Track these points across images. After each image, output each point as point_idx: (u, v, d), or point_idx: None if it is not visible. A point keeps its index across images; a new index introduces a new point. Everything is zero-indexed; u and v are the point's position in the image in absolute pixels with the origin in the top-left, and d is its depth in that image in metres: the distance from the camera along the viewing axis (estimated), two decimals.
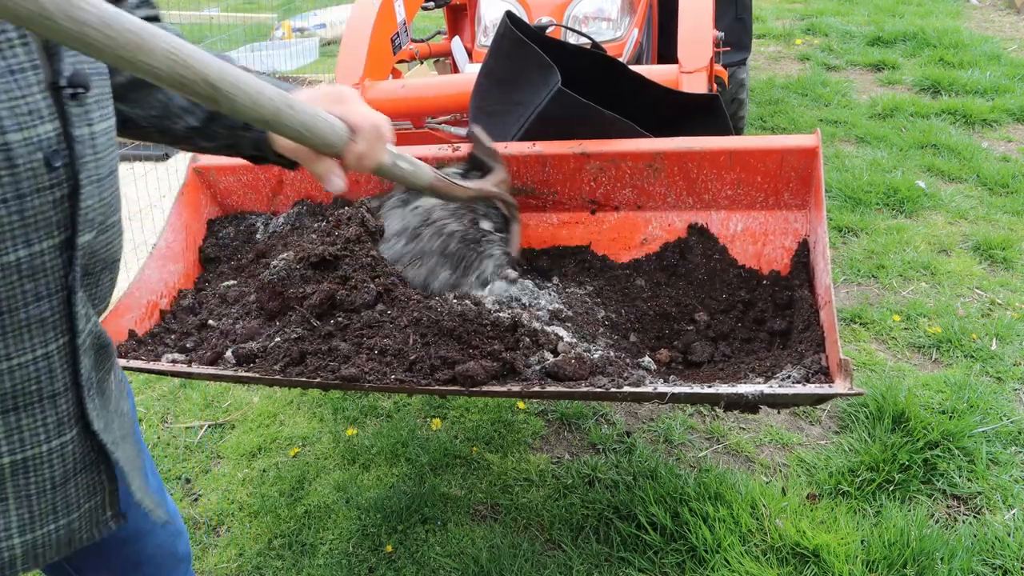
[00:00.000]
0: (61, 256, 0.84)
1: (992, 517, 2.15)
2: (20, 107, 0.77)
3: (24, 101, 0.77)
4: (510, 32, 2.07)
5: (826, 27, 6.73)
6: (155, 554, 1.22)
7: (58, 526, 0.92)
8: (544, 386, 1.42)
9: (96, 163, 0.86)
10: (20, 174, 0.77)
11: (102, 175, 0.88)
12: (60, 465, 0.90)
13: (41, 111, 0.79)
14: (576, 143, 1.90)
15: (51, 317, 0.84)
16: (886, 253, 3.44)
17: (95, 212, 0.87)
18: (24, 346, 0.83)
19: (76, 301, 0.86)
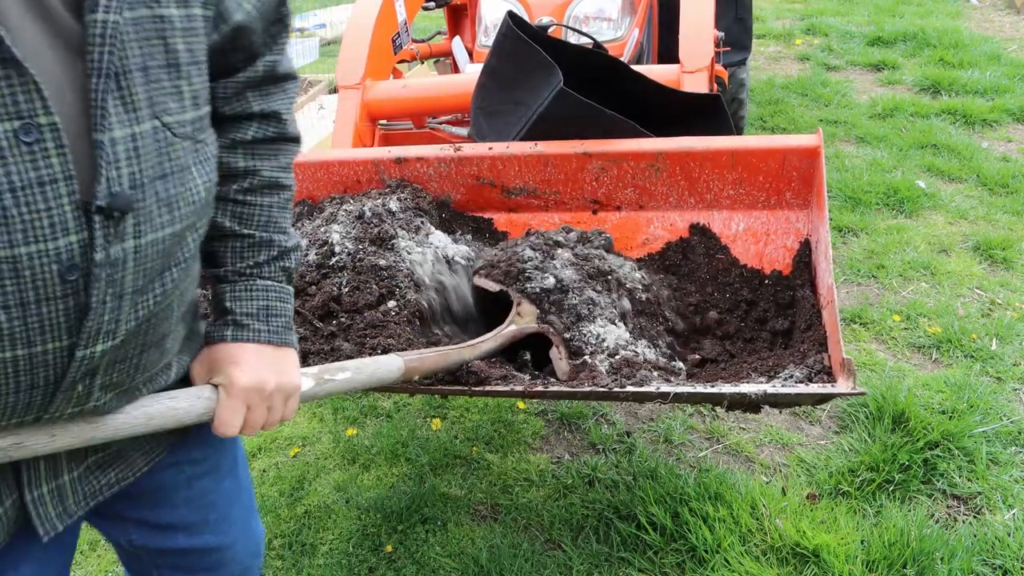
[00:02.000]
0: (66, 356, 0.81)
1: (992, 517, 2.15)
2: (40, 220, 0.73)
3: (47, 214, 0.73)
4: (512, 32, 2.07)
5: (826, 27, 6.73)
6: (233, 565, 1.25)
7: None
8: (545, 386, 1.42)
9: (135, 275, 0.82)
10: (26, 284, 0.74)
11: (142, 284, 0.84)
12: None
13: (67, 224, 0.75)
14: (578, 143, 1.90)
15: (37, 401, 0.83)
16: (886, 253, 3.44)
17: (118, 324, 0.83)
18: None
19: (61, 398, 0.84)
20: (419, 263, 1.69)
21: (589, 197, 1.96)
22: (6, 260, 0.72)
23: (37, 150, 0.72)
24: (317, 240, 1.70)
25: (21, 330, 0.76)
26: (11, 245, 0.72)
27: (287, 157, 1.09)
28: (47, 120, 0.72)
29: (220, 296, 1.06)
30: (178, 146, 0.84)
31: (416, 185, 2.00)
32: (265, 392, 1.01)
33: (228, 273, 1.05)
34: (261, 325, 1.04)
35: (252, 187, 1.04)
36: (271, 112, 1.04)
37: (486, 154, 1.95)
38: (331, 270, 1.63)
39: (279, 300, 1.07)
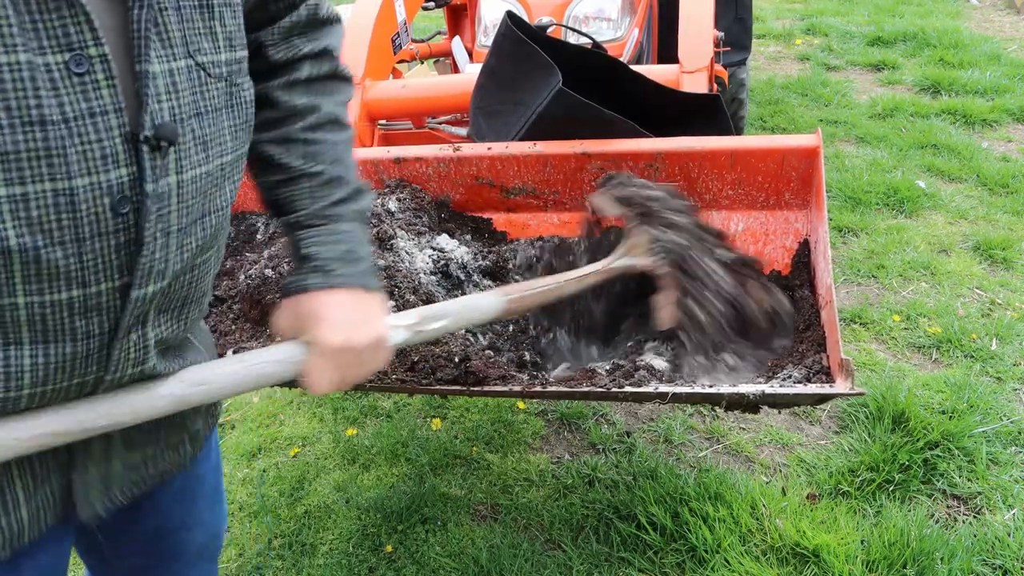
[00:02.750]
0: (119, 298, 0.82)
1: (992, 517, 2.15)
2: (93, 151, 0.74)
3: (99, 145, 0.74)
4: (511, 32, 2.07)
5: (826, 27, 6.73)
6: (190, 547, 1.24)
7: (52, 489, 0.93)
8: (545, 386, 1.42)
9: (179, 211, 0.83)
10: (81, 219, 0.75)
11: (187, 222, 0.85)
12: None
13: (117, 156, 0.76)
14: (577, 143, 1.90)
15: (95, 353, 0.83)
16: (886, 253, 3.44)
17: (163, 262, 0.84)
18: (61, 376, 0.82)
19: (117, 345, 0.84)
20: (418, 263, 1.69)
21: (588, 197, 1.96)
22: (63, 192, 0.73)
23: (88, 81, 0.72)
24: None
25: (77, 268, 0.76)
26: (68, 176, 0.72)
27: (343, 95, 1.09)
28: (97, 52, 0.73)
29: (299, 243, 1.02)
30: (212, 87, 0.85)
31: (415, 185, 2.00)
32: (356, 350, 0.98)
33: (305, 217, 1.02)
34: (346, 269, 1.00)
35: (316, 124, 1.04)
36: (321, 50, 1.05)
37: (485, 154, 1.95)
38: None
39: (360, 244, 1.04)
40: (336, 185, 1.04)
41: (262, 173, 1.05)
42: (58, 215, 0.73)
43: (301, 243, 1.02)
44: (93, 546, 1.19)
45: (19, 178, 0.70)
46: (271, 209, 1.07)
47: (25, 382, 0.80)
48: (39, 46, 0.69)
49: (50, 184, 0.72)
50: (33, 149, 0.70)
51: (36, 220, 0.72)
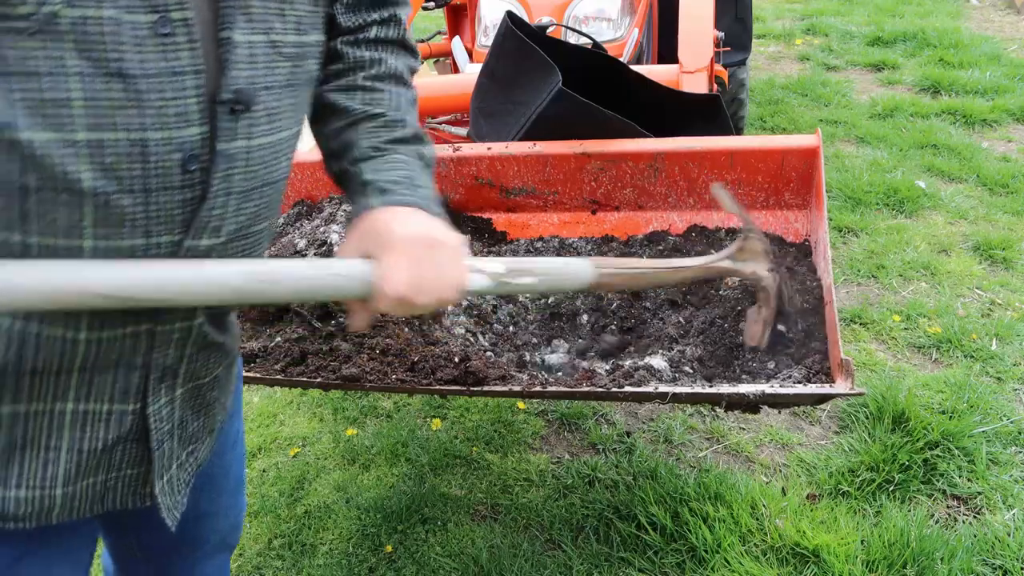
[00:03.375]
0: (176, 253, 0.85)
1: (992, 517, 2.15)
2: (168, 108, 0.78)
3: (175, 103, 0.78)
4: (511, 32, 2.07)
5: (826, 27, 6.73)
6: (212, 536, 1.26)
7: (97, 481, 0.95)
8: (545, 386, 1.42)
9: (244, 175, 0.87)
10: (151, 170, 0.78)
11: (249, 187, 0.88)
12: (115, 428, 0.92)
13: (190, 115, 0.79)
14: (577, 143, 1.90)
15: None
16: (886, 253, 3.44)
17: (221, 221, 0.86)
18: (115, 321, 0.85)
19: None
20: None
21: (588, 197, 1.96)
22: (137, 143, 0.77)
23: (170, 43, 0.77)
24: (316, 240, 1.70)
25: (142, 218, 0.80)
26: (142, 128, 0.77)
27: (408, 60, 1.11)
28: (180, 15, 0.77)
29: (357, 174, 1.01)
30: (280, 65, 0.89)
31: None
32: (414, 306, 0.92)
33: (362, 152, 1.02)
34: (406, 191, 0.98)
35: (379, 75, 1.06)
36: (389, 15, 1.08)
37: (485, 154, 1.95)
38: None
39: (420, 176, 1.02)
40: (396, 125, 1.05)
41: (324, 121, 1.06)
42: (130, 164, 0.77)
43: (359, 175, 1.00)
44: (118, 526, 1.21)
45: (97, 125, 0.74)
46: (331, 160, 1.07)
47: (83, 325, 0.83)
48: (128, 5, 0.74)
49: (124, 134, 0.76)
50: (112, 99, 0.74)
51: (109, 167, 0.76)
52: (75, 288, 0.77)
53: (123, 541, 1.25)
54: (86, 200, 0.76)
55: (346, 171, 1.03)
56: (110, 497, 0.97)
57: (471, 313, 1.72)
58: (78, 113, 0.73)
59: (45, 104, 0.72)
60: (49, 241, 0.77)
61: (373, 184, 0.99)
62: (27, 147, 0.72)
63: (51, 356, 0.84)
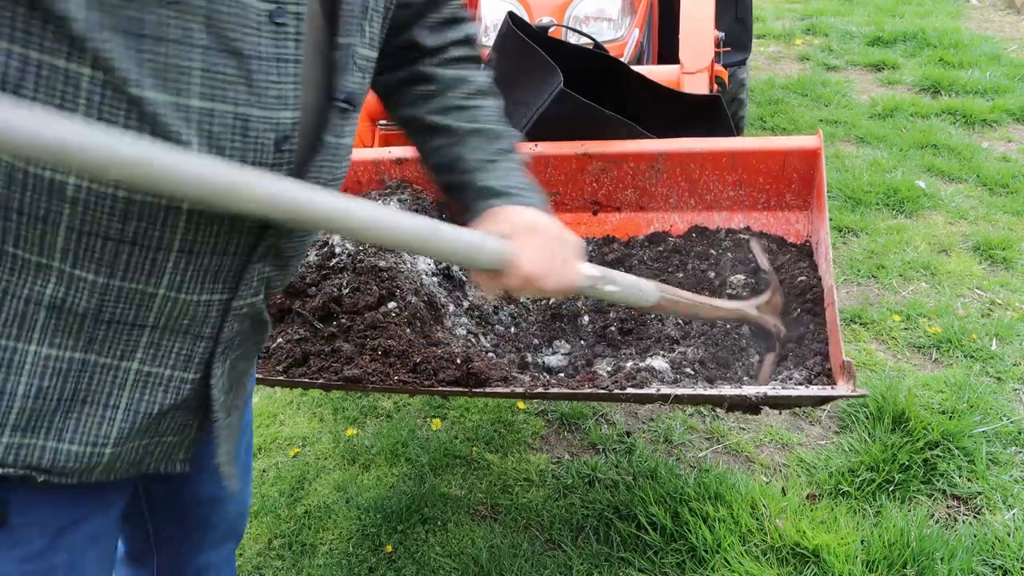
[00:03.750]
0: (259, 227, 0.91)
1: (992, 517, 2.15)
2: (271, 91, 0.84)
3: (278, 87, 0.84)
4: (512, 33, 2.07)
5: (826, 27, 6.73)
6: (221, 523, 1.30)
7: (140, 444, 0.98)
8: (546, 387, 1.42)
9: (330, 167, 0.95)
10: (248, 144, 0.84)
11: (326, 180, 0.95)
12: (172, 395, 0.96)
13: (288, 100, 0.86)
14: (578, 144, 1.90)
15: (225, 273, 0.92)
16: (886, 253, 3.44)
17: None
18: (195, 287, 0.90)
19: (251, 270, 0.93)
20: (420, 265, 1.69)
21: (589, 198, 1.96)
22: (240, 117, 0.83)
23: (281, 31, 0.83)
24: (317, 241, 1.70)
25: None
26: (248, 104, 0.83)
27: (487, 74, 1.19)
28: (295, 9, 0.84)
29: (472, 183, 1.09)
30: (357, 75, 0.96)
31: (416, 186, 2.00)
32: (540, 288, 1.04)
33: (473, 164, 1.10)
34: (529, 195, 1.08)
35: (471, 93, 1.15)
36: (465, 36, 1.17)
37: None
38: (331, 271, 1.63)
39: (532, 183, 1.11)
40: (501, 137, 1.14)
41: (427, 139, 1.14)
42: (232, 136, 0.83)
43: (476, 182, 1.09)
44: (133, 510, 1.23)
45: (210, 95, 0.80)
46: (436, 172, 1.15)
47: (163, 282, 0.88)
48: None
49: (232, 107, 0.82)
50: (226, 74, 0.81)
51: (215, 135, 0.82)
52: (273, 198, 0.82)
53: (140, 529, 1.27)
54: None
55: (459, 181, 1.12)
56: (147, 461, 1.01)
57: (472, 314, 1.72)
58: (195, 81, 0.79)
59: (169, 68, 0.78)
60: (152, 200, 0.82)
61: (494, 188, 1.08)
62: (148, 105, 0.77)
63: (128, 308, 0.88)
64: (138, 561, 1.32)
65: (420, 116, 1.13)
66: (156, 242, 0.85)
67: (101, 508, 1.02)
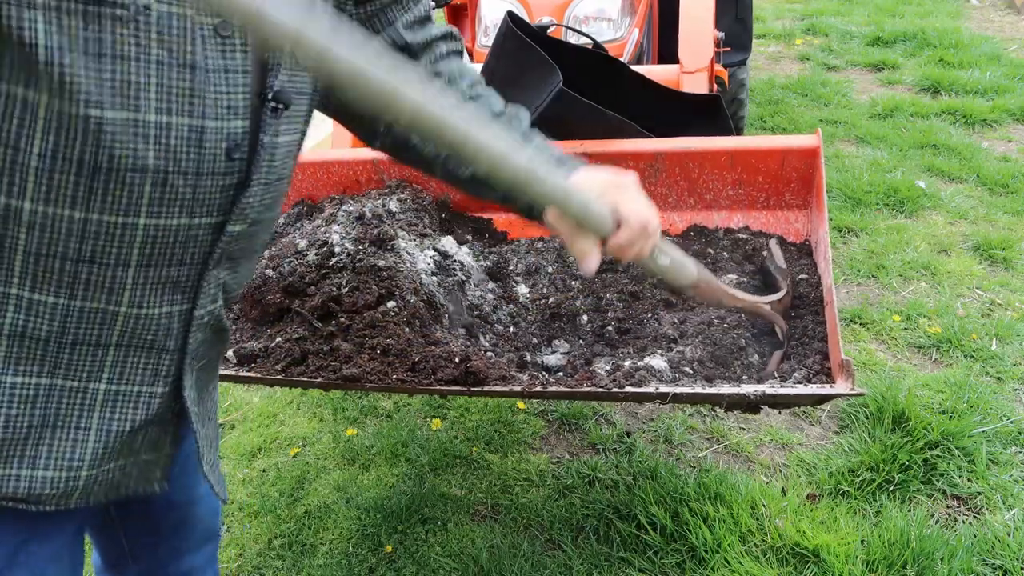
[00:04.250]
0: (212, 235, 0.92)
1: (992, 517, 2.15)
2: (223, 101, 0.86)
3: (228, 97, 0.86)
4: (512, 32, 2.07)
5: (826, 27, 6.73)
6: (195, 524, 1.30)
7: (117, 466, 0.98)
8: (545, 386, 1.42)
9: (269, 168, 0.95)
10: (204, 156, 0.86)
11: (270, 179, 0.96)
12: (143, 411, 0.96)
13: (238, 109, 0.88)
14: (577, 143, 1.90)
15: (184, 283, 0.93)
16: (886, 253, 3.44)
17: (252, 208, 0.95)
18: (156, 300, 0.91)
19: (208, 277, 0.94)
20: (420, 264, 1.69)
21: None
22: (195, 129, 0.85)
23: (228, 43, 0.85)
24: (317, 241, 1.70)
25: (190, 199, 0.87)
26: (203, 117, 0.85)
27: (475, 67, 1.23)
28: None
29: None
30: (300, 74, 0.98)
31: (416, 185, 2.00)
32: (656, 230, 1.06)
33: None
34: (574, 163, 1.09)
35: (473, 83, 1.18)
36: (447, 31, 1.20)
37: None
38: (331, 271, 1.63)
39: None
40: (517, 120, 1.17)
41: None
42: (187, 148, 0.85)
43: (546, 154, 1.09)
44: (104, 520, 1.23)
45: (167, 108, 0.82)
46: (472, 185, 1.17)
47: (124, 299, 0.89)
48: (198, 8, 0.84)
49: (188, 120, 0.84)
50: (182, 87, 0.83)
51: (172, 148, 0.84)
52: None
53: (113, 540, 1.26)
54: (147, 179, 0.83)
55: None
56: (125, 484, 1.01)
57: (472, 314, 1.72)
58: (152, 96, 0.81)
59: (128, 86, 0.79)
60: (108, 218, 0.83)
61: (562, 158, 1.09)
62: (108, 125, 0.79)
63: (91, 328, 0.88)
64: (115, 568, 1.31)
65: None
66: (115, 258, 0.86)
67: (62, 525, 1.01)
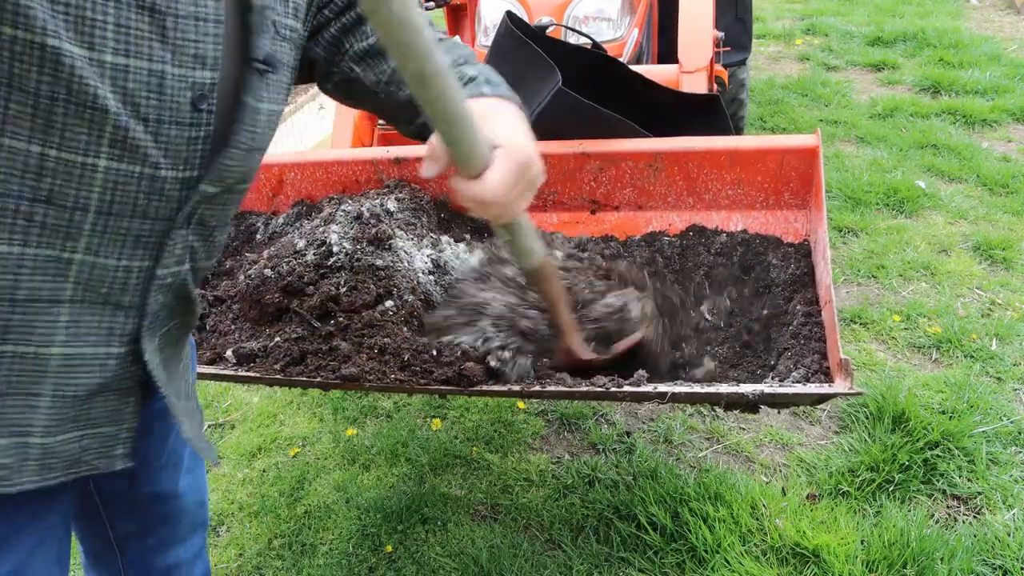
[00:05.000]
0: (180, 191, 0.90)
1: (992, 517, 2.15)
2: (188, 48, 0.84)
3: (194, 45, 0.84)
4: (511, 32, 2.07)
5: (826, 27, 6.73)
6: (182, 516, 1.30)
7: (72, 437, 0.95)
8: (544, 386, 1.42)
9: (250, 134, 0.94)
10: (165, 103, 0.84)
11: (250, 147, 0.95)
12: (98, 374, 0.93)
13: (206, 59, 0.85)
14: (576, 143, 1.90)
15: (147, 238, 0.90)
16: (886, 253, 3.44)
17: (229, 172, 0.93)
18: (112, 250, 0.88)
19: (174, 236, 0.92)
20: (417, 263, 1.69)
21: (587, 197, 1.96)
22: (155, 74, 0.83)
23: None
24: (315, 240, 1.70)
25: (152, 147, 0.85)
26: (163, 61, 0.83)
27: None
28: None
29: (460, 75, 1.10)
30: (280, 44, 0.97)
31: (415, 185, 2.00)
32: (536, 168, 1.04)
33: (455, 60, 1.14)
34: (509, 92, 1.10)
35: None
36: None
37: None
38: (329, 270, 1.63)
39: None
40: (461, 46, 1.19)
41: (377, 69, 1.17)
42: (147, 93, 0.83)
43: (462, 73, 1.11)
44: (89, 509, 1.23)
45: (125, 50, 0.80)
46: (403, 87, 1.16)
47: (79, 247, 0.86)
48: None
49: (147, 63, 0.82)
50: (141, 29, 0.80)
51: (130, 91, 0.81)
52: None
53: (98, 532, 1.26)
54: (107, 120, 0.81)
55: None
56: (85, 459, 0.98)
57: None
58: (110, 36, 0.79)
59: (83, 21, 0.77)
60: (66, 155, 0.81)
61: (479, 78, 1.11)
62: (65, 56, 0.77)
63: (44, 280, 0.85)
64: (99, 561, 1.31)
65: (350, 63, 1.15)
66: (72, 200, 0.83)
67: (38, 516, 1.00)
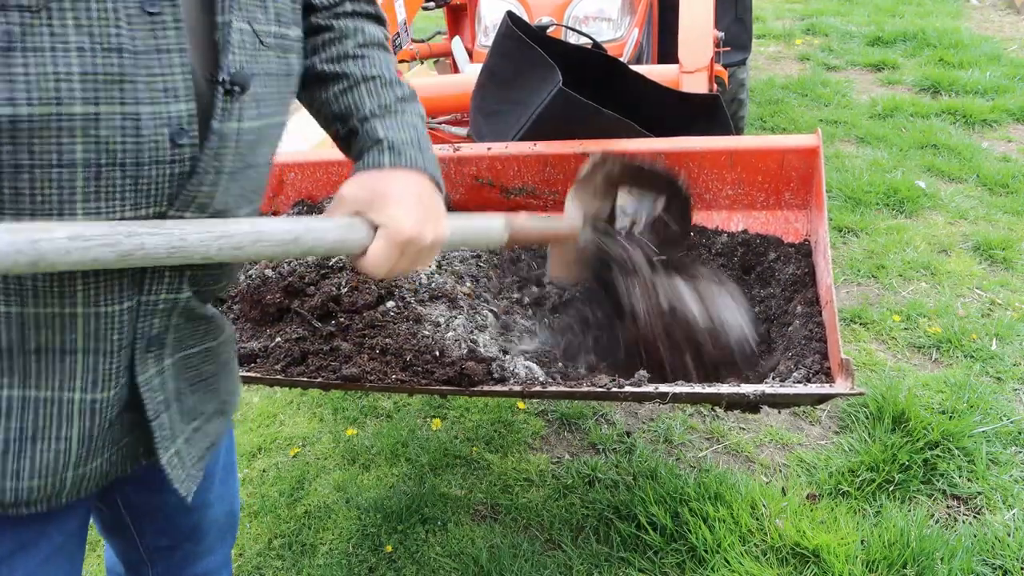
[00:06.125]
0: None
1: (992, 517, 2.15)
2: (157, 84, 0.80)
3: (163, 79, 0.81)
4: (511, 32, 2.07)
5: (826, 27, 6.73)
6: (210, 528, 1.28)
7: (102, 460, 0.96)
8: (544, 386, 1.42)
9: (234, 156, 0.90)
10: (143, 145, 0.81)
11: (236, 168, 0.91)
12: (116, 406, 0.94)
13: (178, 91, 0.82)
14: (577, 143, 1.90)
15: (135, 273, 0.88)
16: (886, 253, 3.44)
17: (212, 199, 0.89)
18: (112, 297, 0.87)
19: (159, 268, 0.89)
20: None
21: None
22: (130, 116, 0.79)
23: (157, 21, 0.80)
24: None
25: (132, 190, 0.82)
26: (136, 103, 0.80)
27: (384, 31, 1.18)
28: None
29: (369, 130, 1.07)
30: (264, 53, 0.93)
31: None
32: (421, 245, 1.00)
33: (372, 111, 1.08)
34: (417, 154, 1.06)
35: (365, 43, 1.12)
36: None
37: (485, 154, 1.95)
38: (330, 270, 1.63)
39: (426, 138, 1.10)
40: (396, 86, 1.11)
41: (321, 89, 1.10)
42: (123, 138, 0.80)
43: (372, 131, 1.06)
44: (118, 524, 1.22)
45: (95, 99, 0.77)
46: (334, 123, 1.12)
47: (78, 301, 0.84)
48: None
49: (120, 108, 0.79)
50: (109, 74, 0.77)
51: (103, 139, 0.79)
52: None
53: (131, 545, 1.26)
54: (77, 174, 0.79)
55: (355, 129, 1.08)
56: (111, 472, 1.00)
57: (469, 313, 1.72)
58: (76, 87, 0.76)
59: (47, 77, 0.74)
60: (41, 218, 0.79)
61: (385, 143, 1.05)
62: (26, 122, 0.74)
63: (52, 334, 0.85)
64: (136, 571, 1.31)
65: (312, 65, 1.09)
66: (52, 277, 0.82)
67: (49, 530, 1.00)
